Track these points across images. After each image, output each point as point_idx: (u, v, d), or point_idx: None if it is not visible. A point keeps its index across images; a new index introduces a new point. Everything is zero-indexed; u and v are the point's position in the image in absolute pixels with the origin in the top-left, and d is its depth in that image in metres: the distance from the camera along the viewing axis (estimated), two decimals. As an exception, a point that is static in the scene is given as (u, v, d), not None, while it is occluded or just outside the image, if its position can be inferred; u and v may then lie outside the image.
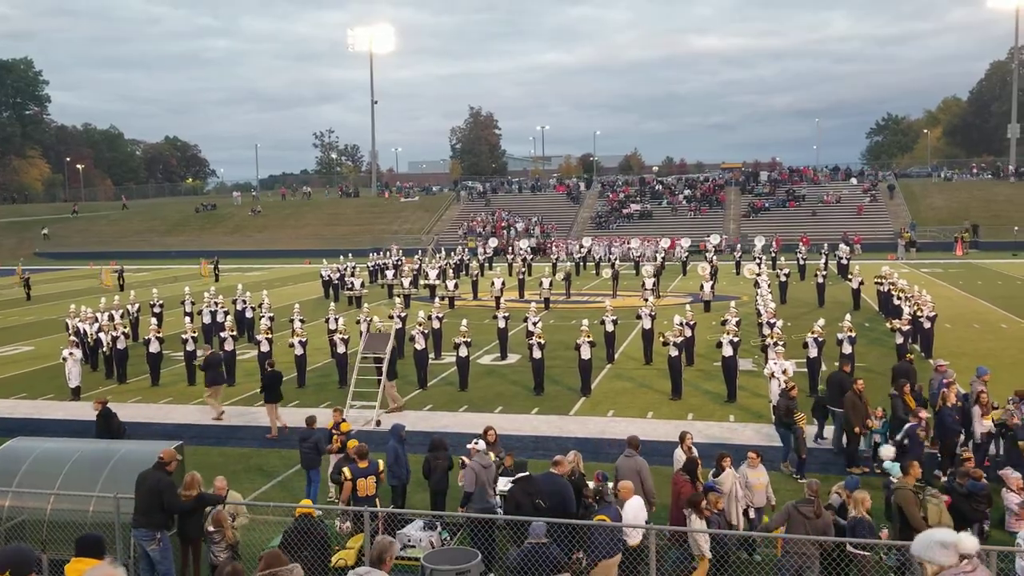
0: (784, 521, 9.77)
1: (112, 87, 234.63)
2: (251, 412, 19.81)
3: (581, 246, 58.28)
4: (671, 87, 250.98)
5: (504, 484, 11.70)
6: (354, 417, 17.94)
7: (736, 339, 19.92)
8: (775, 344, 18.68)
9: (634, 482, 11.03)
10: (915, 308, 23.87)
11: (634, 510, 10.23)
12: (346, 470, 11.36)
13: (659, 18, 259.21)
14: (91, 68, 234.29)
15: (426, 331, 22.55)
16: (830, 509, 10.29)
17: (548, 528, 8.84)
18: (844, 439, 15.07)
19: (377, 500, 11.48)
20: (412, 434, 14.29)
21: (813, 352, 19.79)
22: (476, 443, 12.07)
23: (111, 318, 26.53)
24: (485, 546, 10.11)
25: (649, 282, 35.08)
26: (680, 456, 12.01)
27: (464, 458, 11.92)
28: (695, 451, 12.08)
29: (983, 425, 14.14)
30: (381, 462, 11.92)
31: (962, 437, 14.21)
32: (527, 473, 10.76)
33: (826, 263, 37.34)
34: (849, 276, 35.12)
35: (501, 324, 25.33)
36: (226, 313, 27.73)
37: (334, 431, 13.90)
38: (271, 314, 26.58)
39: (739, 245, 54.77)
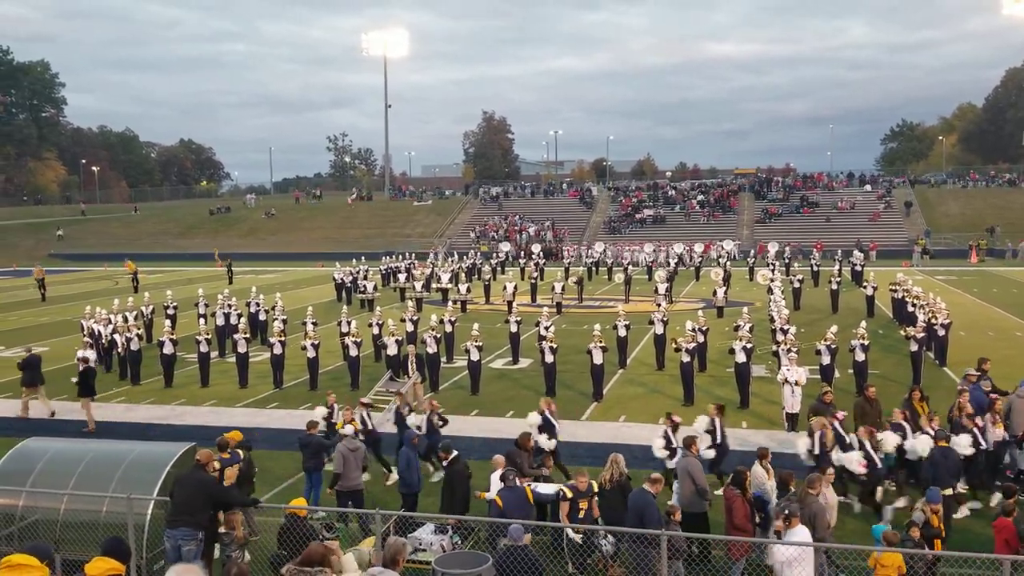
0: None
1: (128, 90, 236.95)
2: (264, 414, 19.89)
3: (594, 251, 58.29)
4: (684, 93, 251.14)
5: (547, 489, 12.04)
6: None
7: (749, 345, 19.85)
8: (788, 350, 18.60)
9: (685, 482, 11.24)
10: (930, 315, 23.72)
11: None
12: (215, 461, 11.62)
13: (675, 24, 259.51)
14: (108, 70, 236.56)
15: (438, 335, 22.59)
16: (913, 526, 9.94)
17: (636, 538, 8.82)
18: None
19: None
20: (423, 437, 14.27)
21: (826, 359, 19.70)
22: (345, 428, 13.32)
23: (125, 319, 26.67)
24: None
25: (662, 287, 34.99)
26: (760, 473, 11.59)
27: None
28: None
29: (995, 433, 14.03)
30: (242, 452, 12.53)
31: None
32: (455, 454, 11.75)
33: (840, 270, 37.15)
34: (864, 283, 34.94)
35: (513, 328, 25.31)
36: (239, 315, 27.83)
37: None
38: (284, 316, 26.67)
39: (752, 251, 54.77)
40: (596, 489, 10.99)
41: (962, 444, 12.71)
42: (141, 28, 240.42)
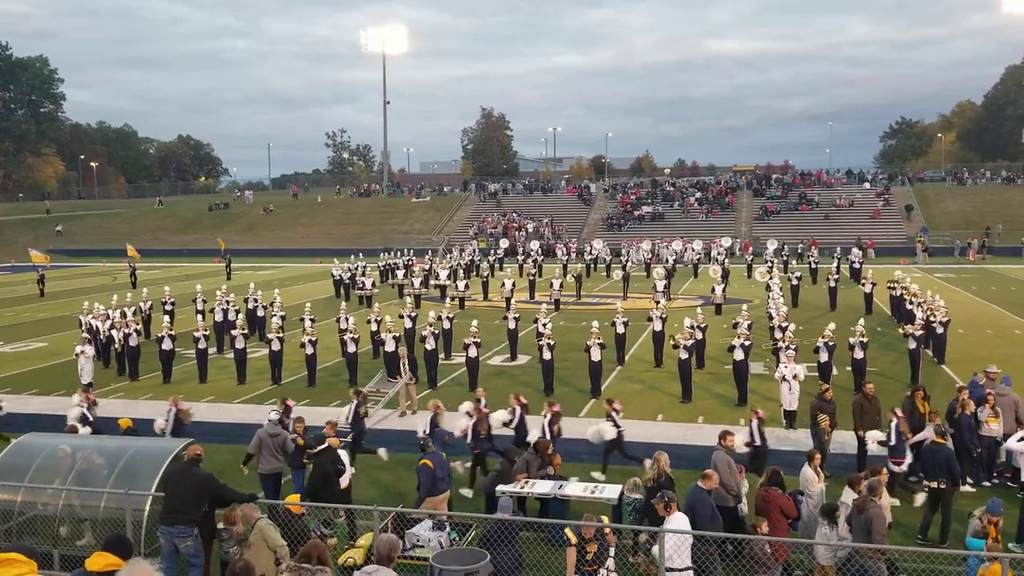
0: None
1: (131, 86, 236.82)
2: (262, 410, 19.83)
3: (592, 248, 58.22)
4: (686, 90, 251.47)
5: (552, 487, 12.31)
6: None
7: (747, 342, 19.85)
8: (786, 348, 18.60)
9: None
10: (928, 313, 23.72)
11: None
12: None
13: (678, 22, 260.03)
14: (111, 67, 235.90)
15: (436, 331, 22.59)
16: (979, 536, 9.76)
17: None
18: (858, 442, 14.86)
19: None
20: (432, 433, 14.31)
21: (824, 357, 19.69)
22: (270, 414, 14.41)
23: (123, 315, 26.63)
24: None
25: (660, 284, 34.99)
26: (810, 476, 11.41)
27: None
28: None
29: (990, 429, 14.05)
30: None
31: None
32: (326, 444, 12.13)
33: (838, 267, 37.20)
34: (862, 280, 34.96)
35: (511, 325, 25.30)
36: (237, 311, 27.81)
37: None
38: (282, 313, 26.64)
39: (751, 248, 54.73)
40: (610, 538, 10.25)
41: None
42: (145, 25, 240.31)
